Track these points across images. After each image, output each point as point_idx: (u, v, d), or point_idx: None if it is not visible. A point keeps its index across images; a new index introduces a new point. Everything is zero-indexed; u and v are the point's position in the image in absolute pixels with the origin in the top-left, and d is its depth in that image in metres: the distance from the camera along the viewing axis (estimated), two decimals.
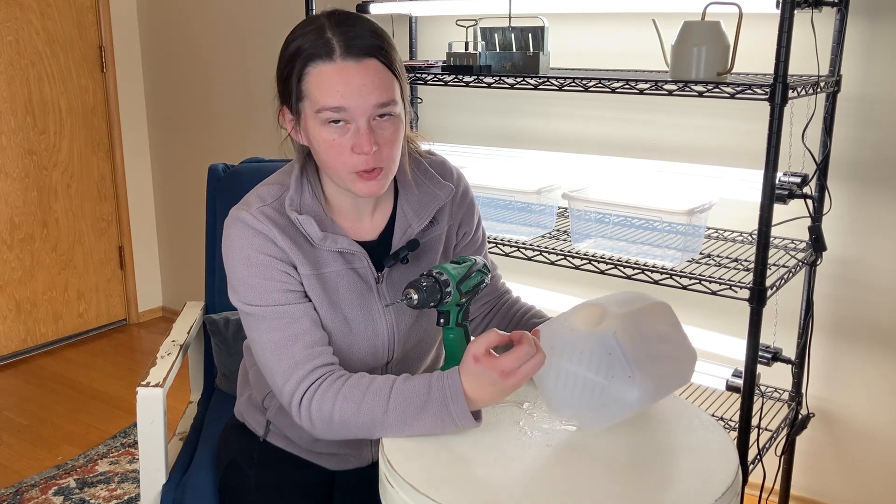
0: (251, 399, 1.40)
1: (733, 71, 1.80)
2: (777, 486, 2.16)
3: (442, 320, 1.17)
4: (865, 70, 1.89)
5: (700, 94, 1.67)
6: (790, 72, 1.60)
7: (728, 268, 1.82)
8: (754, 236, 1.70)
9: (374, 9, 2.34)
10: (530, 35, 1.98)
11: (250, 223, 1.17)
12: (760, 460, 1.94)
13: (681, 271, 1.78)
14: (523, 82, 1.92)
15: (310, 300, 1.19)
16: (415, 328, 1.28)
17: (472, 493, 0.96)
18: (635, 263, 1.83)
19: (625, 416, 1.08)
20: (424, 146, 1.34)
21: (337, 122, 1.11)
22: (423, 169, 1.30)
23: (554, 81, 1.86)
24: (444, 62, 2.17)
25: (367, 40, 1.11)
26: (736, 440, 1.75)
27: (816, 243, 1.91)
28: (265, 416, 1.37)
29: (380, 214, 1.27)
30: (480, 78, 1.98)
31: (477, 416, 1.09)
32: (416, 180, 1.28)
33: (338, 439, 1.16)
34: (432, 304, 1.12)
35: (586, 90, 1.81)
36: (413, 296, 1.10)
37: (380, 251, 1.25)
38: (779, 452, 2.10)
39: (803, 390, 2.06)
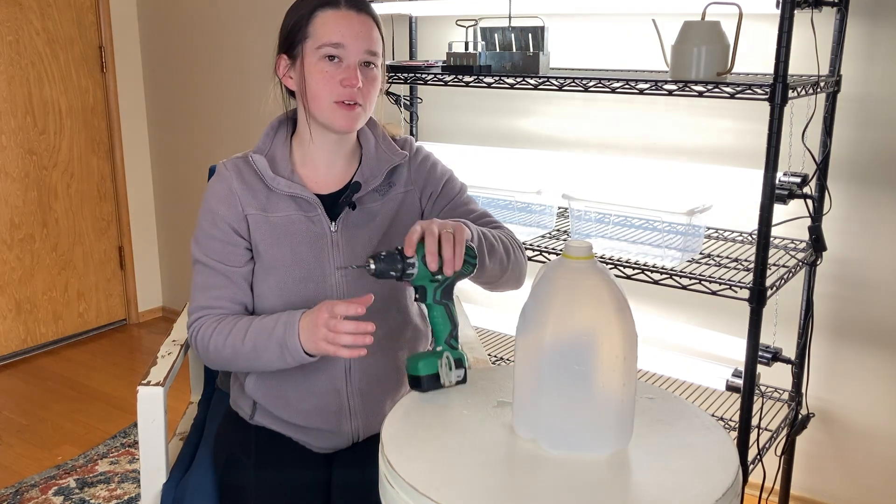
0: (240, 385, 1.45)
1: (733, 71, 1.80)
2: (777, 486, 2.16)
3: (417, 295, 1.19)
4: (865, 70, 1.89)
5: (700, 94, 1.67)
6: (790, 72, 1.60)
7: (728, 268, 1.82)
8: (754, 236, 1.70)
9: (374, 8, 2.33)
10: (530, 35, 1.98)
11: (219, 170, 1.37)
12: (760, 460, 1.94)
13: (681, 271, 1.78)
14: (523, 82, 1.92)
15: (240, 267, 1.34)
16: (365, 279, 1.34)
17: (471, 494, 0.96)
18: (635, 263, 1.83)
19: None
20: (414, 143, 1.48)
21: (333, 57, 1.28)
22: (388, 143, 1.43)
23: (554, 81, 1.86)
24: (444, 62, 2.17)
25: (366, 4, 1.33)
26: (736, 440, 1.75)
27: (816, 243, 1.91)
28: (250, 395, 1.41)
29: (341, 175, 1.39)
30: (480, 78, 1.98)
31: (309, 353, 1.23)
32: (377, 148, 1.41)
33: (222, 368, 1.36)
34: (393, 274, 1.15)
35: (586, 90, 1.81)
36: (371, 265, 1.15)
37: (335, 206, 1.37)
38: (779, 452, 2.10)
39: (803, 390, 2.06)
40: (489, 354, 2.26)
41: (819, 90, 1.76)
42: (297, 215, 1.34)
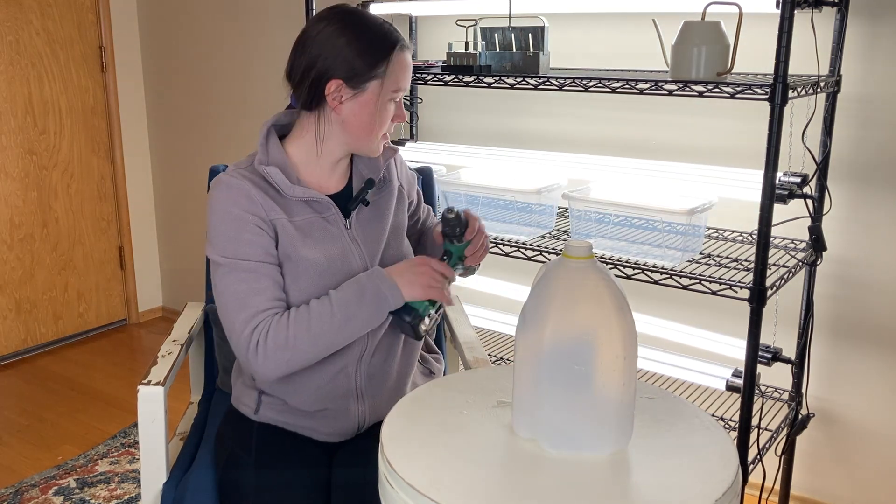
0: (243, 381, 1.47)
1: (733, 71, 1.80)
2: (777, 486, 2.16)
3: (445, 258, 1.40)
4: (865, 70, 1.89)
5: (700, 94, 1.67)
6: (790, 72, 1.60)
7: (728, 268, 1.82)
8: (754, 236, 1.70)
9: (374, 9, 2.34)
10: (530, 35, 1.98)
11: (227, 181, 1.34)
12: (760, 460, 1.94)
13: (681, 271, 1.78)
14: (523, 82, 1.92)
15: (276, 265, 1.34)
16: (384, 258, 1.44)
17: (471, 494, 0.96)
18: (635, 263, 1.83)
19: None
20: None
21: (396, 99, 1.38)
22: None
23: (554, 81, 1.86)
24: (444, 62, 2.17)
25: None
26: (736, 440, 1.75)
27: (816, 243, 1.91)
28: (255, 387, 1.43)
29: (340, 178, 1.45)
30: (480, 78, 1.98)
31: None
32: None
33: (292, 369, 1.31)
34: (456, 231, 1.39)
35: (586, 90, 1.81)
36: (448, 215, 1.37)
37: (343, 204, 1.43)
38: (779, 452, 2.11)
39: (803, 390, 2.06)
40: (489, 354, 2.26)
41: (819, 90, 1.76)
42: (314, 217, 1.37)
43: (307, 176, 1.41)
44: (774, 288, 1.72)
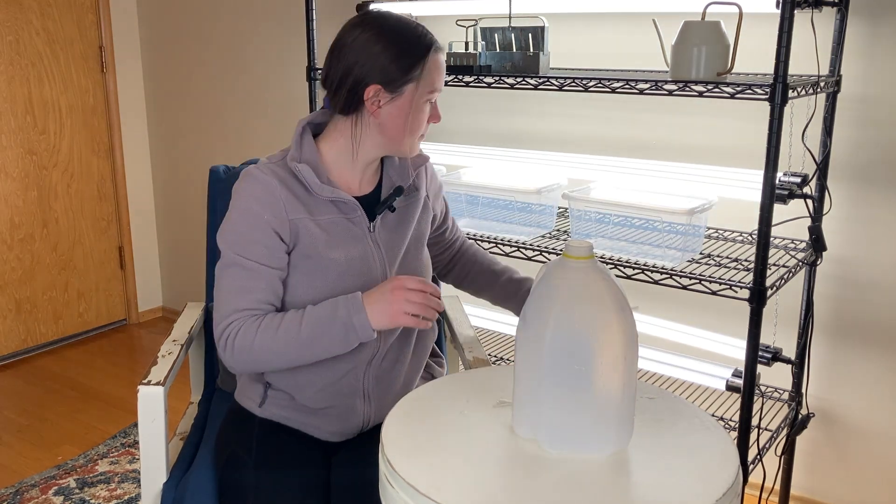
0: (249, 374, 1.47)
1: (733, 71, 1.80)
2: (777, 486, 2.16)
3: None
4: (865, 70, 1.89)
5: (700, 94, 1.67)
6: (790, 72, 1.60)
7: (728, 268, 1.82)
8: (754, 236, 1.70)
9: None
10: (530, 35, 1.98)
11: (255, 175, 1.35)
12: (760, 460, 1.94)
13: (681, 271, 1.78)
14: (523, 82, 1.92)
15: (279, 270, 1.34)
16: (402, 265, 1.45)
17: (472, 494, 0.96)
18: (635, 263, 1.83)
19: None
20: None
21: (432, 100, 1.39)
22: None
23: (554, 81, 1.86)
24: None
25: None
26: (736, 440, 1.75)
27: (816, 243, 1.91)
28: (262, 380, 1.43)
29: (369, 181, 1.45)
30: (480, 78, 1.98)
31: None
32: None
33: (257, 370, 1.36)
34: None
35: (586, 90, 1.81)
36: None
37: (369, 207, 1.43)
38: (779, 452, 2.11)
39: (803, 390, 2.06)
40: (489, 354, 2.26)
41: (819, 90, 1.76)
42: (339, 218, 1.38)
43: (337, 177, 1.41)
44: (774, 288, 1.72)
